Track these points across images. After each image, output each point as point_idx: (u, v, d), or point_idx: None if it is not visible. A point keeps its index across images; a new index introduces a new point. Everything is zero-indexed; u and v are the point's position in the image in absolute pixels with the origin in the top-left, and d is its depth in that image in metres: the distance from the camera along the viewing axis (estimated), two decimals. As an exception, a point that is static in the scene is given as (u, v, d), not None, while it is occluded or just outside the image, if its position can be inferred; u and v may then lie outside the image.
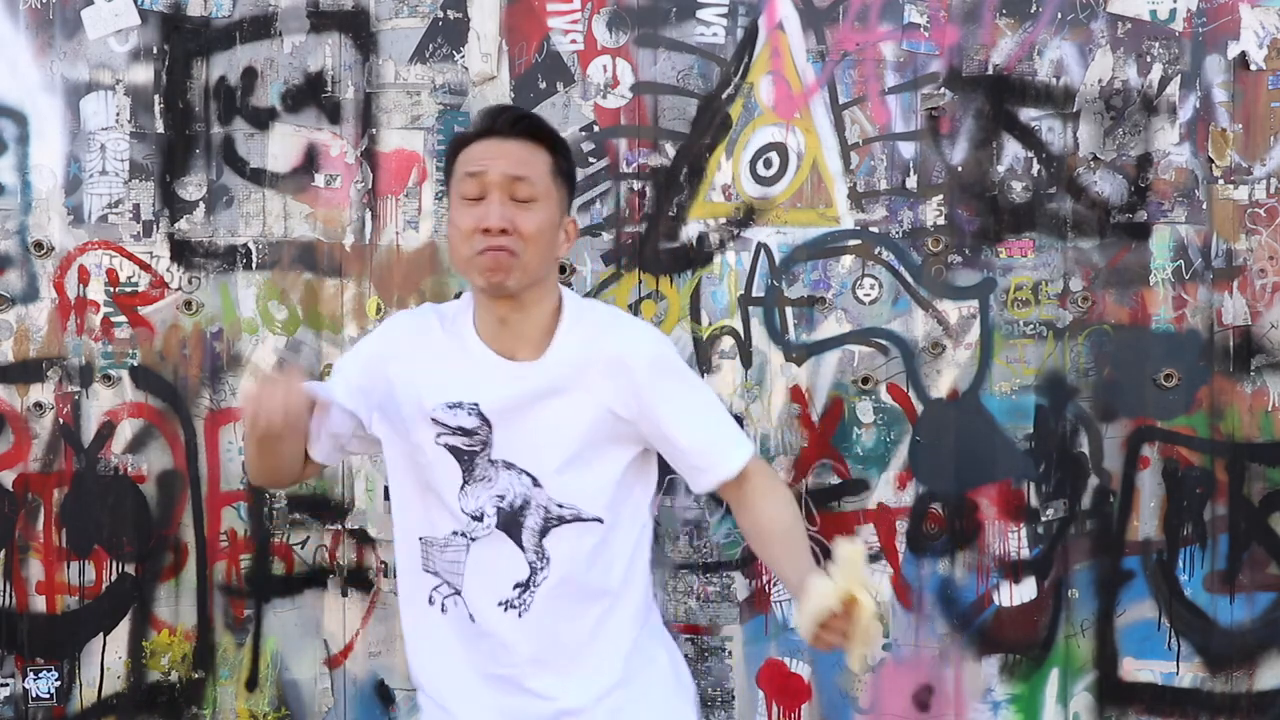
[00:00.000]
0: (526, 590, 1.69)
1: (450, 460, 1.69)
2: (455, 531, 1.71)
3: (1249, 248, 2.33)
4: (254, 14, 2.38)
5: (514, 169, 1.64)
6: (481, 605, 1.70)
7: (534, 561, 1.69)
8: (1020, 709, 2.37)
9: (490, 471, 1.69)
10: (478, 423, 1.68)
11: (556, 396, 1.69)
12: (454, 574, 1.72)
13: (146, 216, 2.40)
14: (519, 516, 1.69)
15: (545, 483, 1.69)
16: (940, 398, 2.36)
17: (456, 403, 1.69)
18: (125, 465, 2.40)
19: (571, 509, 1.69)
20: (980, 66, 2.34)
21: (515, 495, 1.69)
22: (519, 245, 1.63)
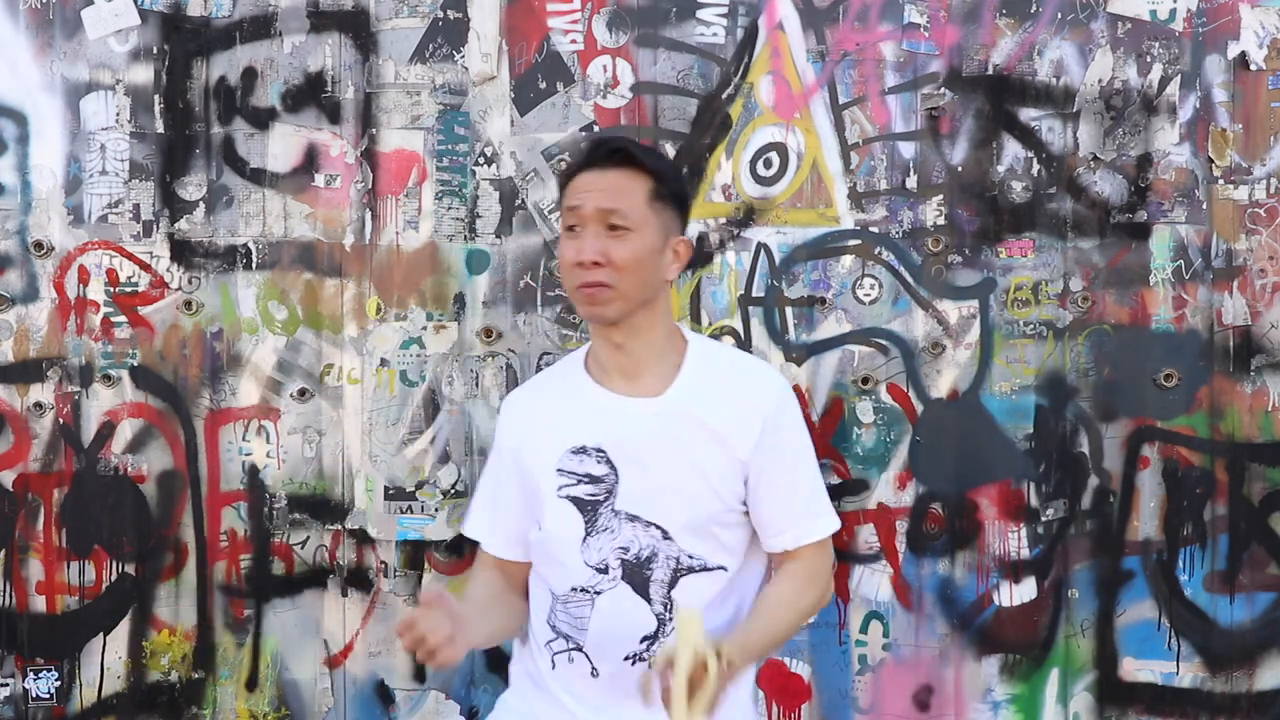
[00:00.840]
0: (655, 642, 1.67)
1: (573, 512, 1.69)
2: (575, 587, 1.69)
3: (1249, 248, 2.33)
4: (254, 14, 2.38)
5: (606, 201, 1.66)
6: (606, 660, 1.68)
7: (661, 614, 1.67)
8: (1020, 709, 2.37)
9: (613, 523, 1.68)
10: (606, 470, 1.68)
11: (683, 439, 1.68)
12: (577, 629, 1.70)
13: (146, 216, 2.40)
14: (645, 570, 1.67)
15: (675, 535, 1.67)
16: (940, 398, 2.36)
17: (580, 447, 1.69)
18: (125, 465, 2.40)
19: (700, 559, 1.68)
20: (980, 66, 2.35)
21: (642, 548, 1.67)
22: (613, 277, 1.64)
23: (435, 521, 2.38)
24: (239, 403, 2.40)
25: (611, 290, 1.65)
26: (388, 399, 2.40)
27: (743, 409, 1.70)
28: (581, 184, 1.70)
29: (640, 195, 1.68)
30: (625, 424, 1.69)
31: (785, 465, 1.72)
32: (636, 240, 1.66)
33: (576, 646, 1.70)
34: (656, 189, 1.70)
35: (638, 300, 1.68)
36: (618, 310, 1.67)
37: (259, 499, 2.40)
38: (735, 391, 1.72)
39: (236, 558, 2.41)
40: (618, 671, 1.67)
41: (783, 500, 1.72)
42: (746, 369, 1.80)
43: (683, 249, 1.74)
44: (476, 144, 2.39)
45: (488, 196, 2.39)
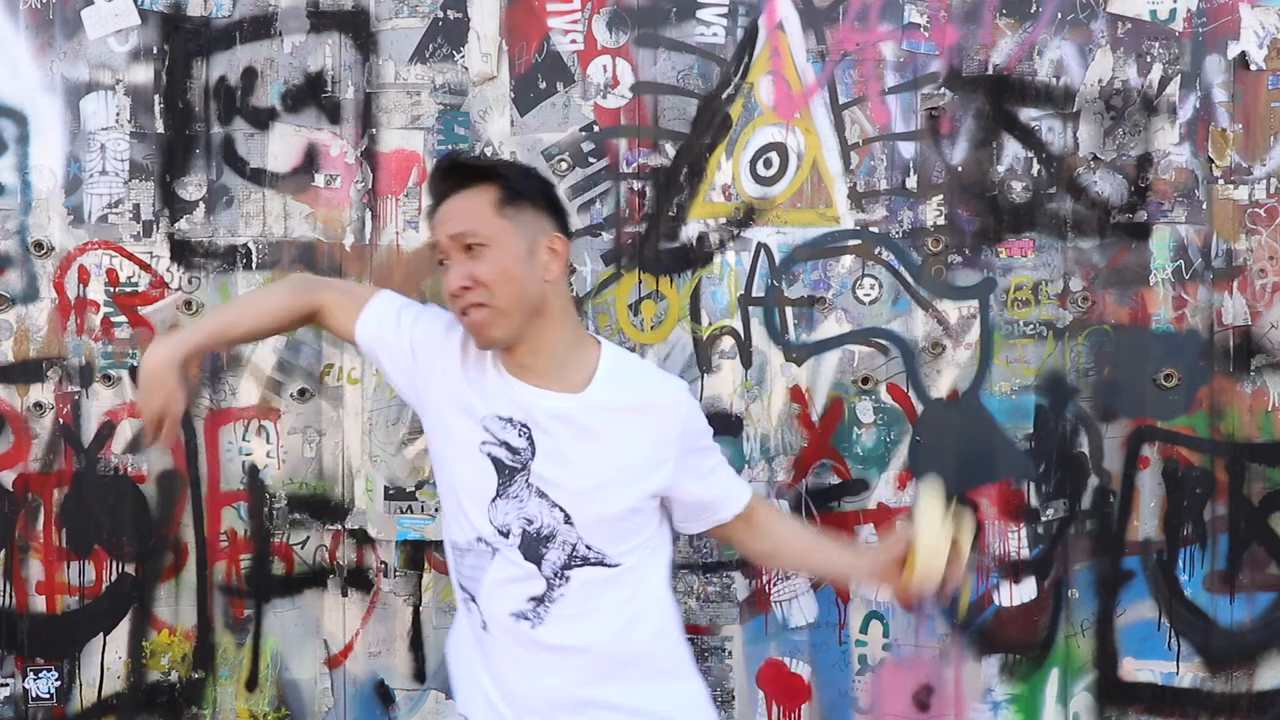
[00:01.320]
0: (541, 604, 1.69)
1: (489, 469, 1.70)
2: (479, 538, 1.71)
3: (1249, 248, 2.33)
4: (254, 14, 2.38)
5: (452, 227, 1.66)
6: (496, 614, 1.70)
7: (551, 579, 1.69)
8: (1020, 709, 2.37)
9: (523, 493, 1.69)
10: (525, 444, 1.69)
11: (601, 433, 1.69)
12: (473, 580, 1.72)
13: (146, 216, 2.40)
14: (542, 547, 1.68)
15: (577, 523, 1.68)
16: (940, 398, 2.36)
17: (508, 418, 1.69)
18: (125, 465, 2.40)
19: (598, 553, 1.69)
20: (980, 66, 2.35)
21: (544, 524, 1.69)
22: (485, 294, 1.63)
23: (435, 521, 2.38)
24: (239, 403, 2.40)
25: (489, 309, 1.64)
26: (388, 399, 2.40)
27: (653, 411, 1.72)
28: (436, 217, 1.70)
29: (486, 207, 1.66)
30: (544, 414, 1.69)
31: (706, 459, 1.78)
32: (495, 253, 1.65)
33: (471, 597, 1.73)
34: (502, 195, 1.67)
35: (520, 312, 1.66)
36: (504, 330, 1.66)
37: (259, 499, 2.40)
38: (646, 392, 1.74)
39: (236, 558, 2.41)
40: (506, 627, 1.69)
41: (719, 481, 1.80)
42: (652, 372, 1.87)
43: (559, 245, 1.71)
44: (476, 144, 2.38)
45: (488, 196, 2.39)
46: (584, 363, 1.72)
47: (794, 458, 2.37)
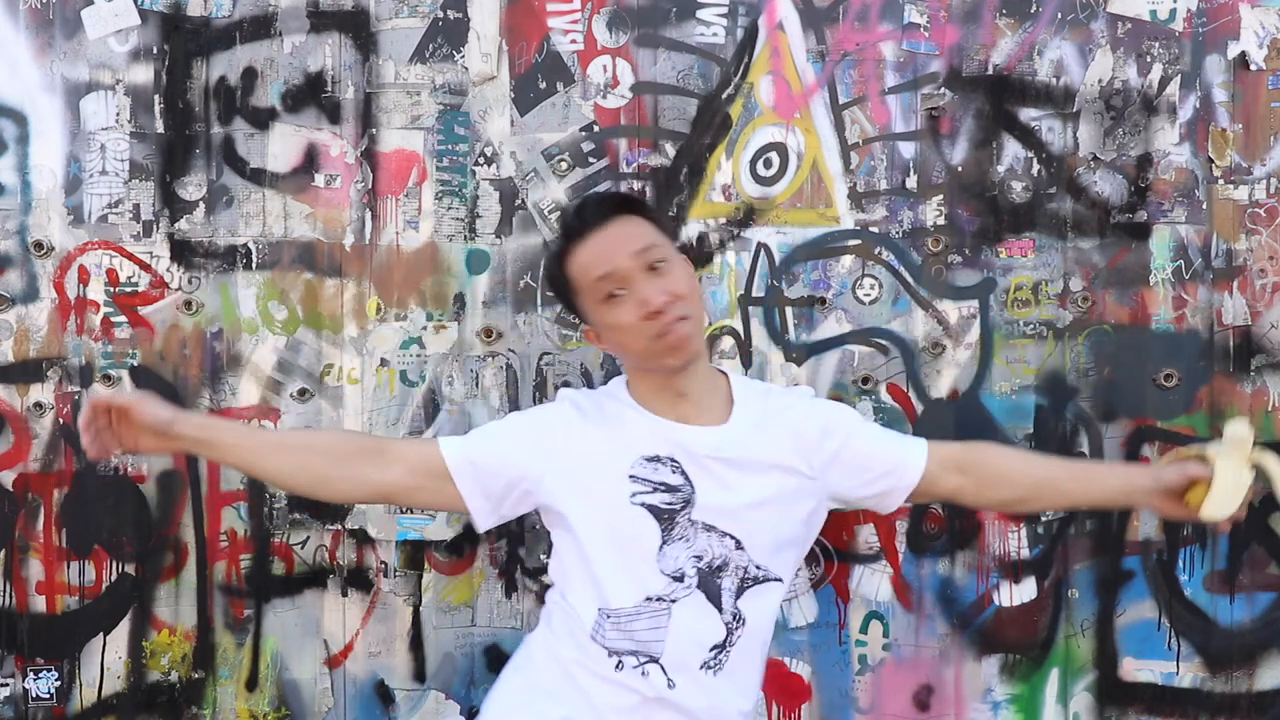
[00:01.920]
0: (722, 651, 1.69)
1: (648, 519, 1.67)
2: (650, 597, 1.68)
3: (1249, 248, 2.33)
4: (254, 14, 2.38)
5: (636, 244, 1.65)
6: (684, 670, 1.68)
7: (729, 623, 1.69)
8: (1020, 709, 2.37)
9: (689, 532, 1.67)
10: (681, 480, 1.68)
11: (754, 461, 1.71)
12: (653, 641, 1.68)
13: (146, 216, 2.40)
14: (716, 578, 1.67)
15: (748, 547, 1.69)
16: (940, 398, 2.36)
17: (655, 456, 1.68)
18: (125, 465, 2.40)
19: (765, 570, 1.71)
20: (980, 66, 2.35)
21: (715, 556, 1.68)
22: (688, 306, 1.65)
23: (435, 521, 2.38)
24: (239, 403, 2.40)
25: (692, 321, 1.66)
26: (388, 399, 2.40)
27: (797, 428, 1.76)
28: (596, 249, 1.67)
29: (652, 231, 1.71)
30: (695, 444, 1.70)
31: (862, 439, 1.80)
32: (679, 268, 1.68)
33: (651, 659, 1.68)
34: (658, 224, 1.73)
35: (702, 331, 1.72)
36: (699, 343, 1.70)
37: (259, 499, 2.40)
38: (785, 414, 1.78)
39: (236, 558, 2.41)
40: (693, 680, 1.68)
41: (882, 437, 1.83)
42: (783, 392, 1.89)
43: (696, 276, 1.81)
44: (476, 144, 2.39)
45: (488, 196, 2.39)
46: (719, 389, 1.76)
47: (794, 458, 2.37)
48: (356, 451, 1.76)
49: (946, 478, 1.84)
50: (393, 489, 1.77)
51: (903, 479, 1.82)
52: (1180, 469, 1.76)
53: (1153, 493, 1.79)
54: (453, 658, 2.38)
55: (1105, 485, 1.86)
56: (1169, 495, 1.77)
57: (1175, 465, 1.76)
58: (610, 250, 1.66)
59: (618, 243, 1.66)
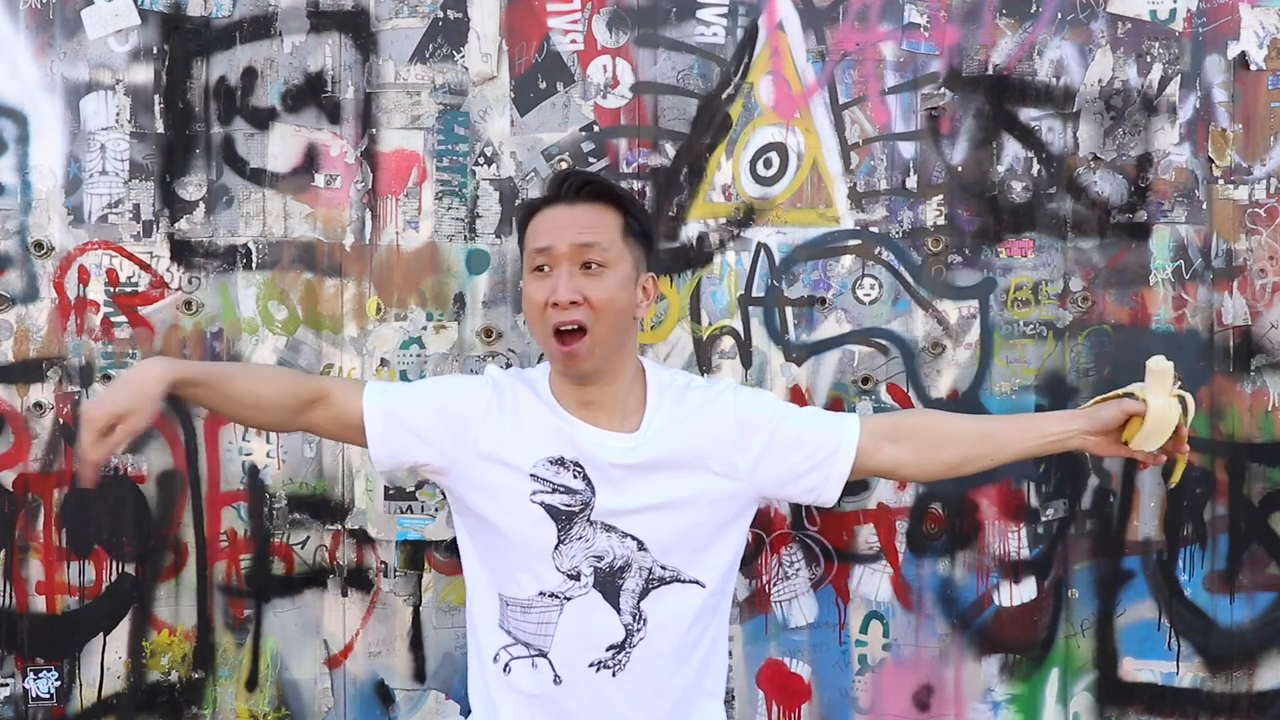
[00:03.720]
0: (621, 651, 1.66)
1: (544, 518, 1.66)
2: (544, 592, 1.67)
3: (1249, 248, 2.33)
4: (254, 14, 2.38)
5: (581, 237, 1.62)
6: (571, 666, 1.66)
7: (629, 624, 1.66)
8: (1020, 709, 2.37)
9: (588, 532, 1.66)
10: (583, 485, 1.65)
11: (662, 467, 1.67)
12: (541, 635, 1.67)
13: (146, 216, 2.40)
14: (617, 579, 1.66)
15: (651, 548, 1.66)
16: (940, 398, 2.36)
17: (559, 459, 1.66)
18: (125, 465, 2.40)
19: (674, 570, 1.67)
20: (980, 66, 2.35)
21: (616, 557, 1.66)
22: (590, 317, 1.61)
23: (435, 521, 2.38)
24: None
25: (588, 337, 1.62)
26: (388, 399, 2.39)
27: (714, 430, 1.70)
28: (551, 220, 1.66)
29: (614, 230, 1.66)
30: (602, 454, 1.67)
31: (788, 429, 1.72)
32: (612, 278, 1.63)
33: (540, 653, 1.68)
34: (628, 224, 1.68)
35: (613, 346, 1.65)
36: (596, 362, 1.64)
37: (259, 499, 2.40)
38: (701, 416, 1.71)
39: (236, 558, 2.41)
40: (581, 678, 1.66)
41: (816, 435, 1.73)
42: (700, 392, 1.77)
43: (650, 286, 1.73)
44: (476, 144, 2.39)
45: (488, 196, 2.39)
46: (635, 395, 1.71)
47: (794, 458, 2.37)
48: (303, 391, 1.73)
49: (882, 449, 1.75)
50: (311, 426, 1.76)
51: (836, 463, 1.73)
52: (1117, 405, 1.73)
53: (1090, 432, 1.75)
54: (453, 658, 2.38)
55: (1044, 430, 1.77)
56: (1106, 433, 1.75)
57: (1111, 403, 1.76)
58: (558, 228, 1.64)
59: (568, 225, 1.63)
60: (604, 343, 1.63)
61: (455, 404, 1.74)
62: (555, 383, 1.74)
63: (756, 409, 1.75)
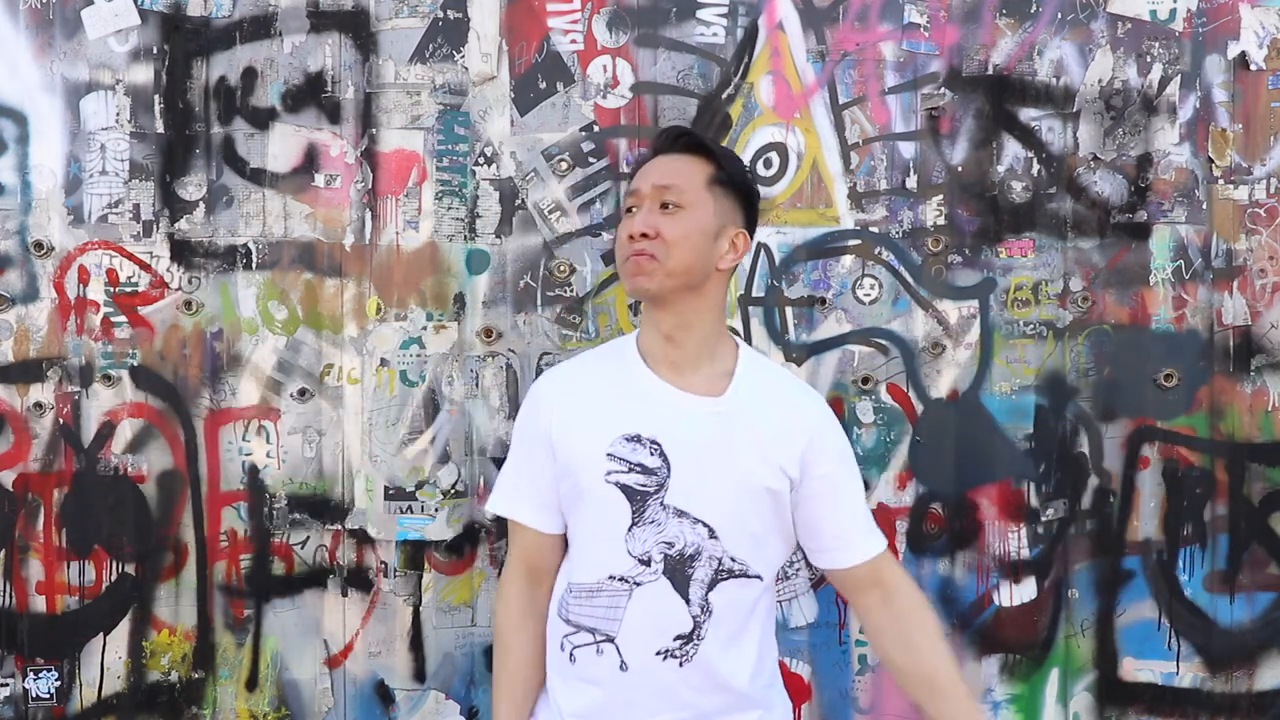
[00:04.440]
0: (689, 643, 1.66)
1: (620, 499, 1.66)
2: (613, 576, 1.67)
3: (1249, 248, 2.33)
4: (254, 14, 2.38)
5: (662, 179, 1.69)
6: (638, 654, 1.66)
7: (698, 616, 1.66)
8: (1020, 709, 2.37)
9: (660, 516, 1.66)
10: (659, 462, 1.66)
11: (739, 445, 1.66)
12: (609, 620, 1.67)
13: (146, 216, 2.40)
14: (688, 567, 1.65)
15: (722, 536, 1.66)
16: (940, 398, 2.36)
17: (635, 435, 1.67)
18: (125, 465, 2.40)
19: (742, 564, 1.67)
20: (980, 66, 2.35)
21: (687, 544, 1.65)
22: (660, 249, 1.66)
23: (435, 521, 2.38)
24: (239, 403, 2.40)
25: (655, 263, 1.66)
26: (388, 399, 2.40)
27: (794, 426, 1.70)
28: (644, 169, 1.74)
29: (699, 176, 1.71)
30: (682, 420, 1.67)
31: (842, 482, 1.72)
32: (688, 218, 1.68)
33: (607, 638, 1.67)
34: (717, 174, 1.72)
35: (681, 279, 1.67)
36: (659, 284, 1.66)
37: (259, 499, 2.40)
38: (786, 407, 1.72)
39: (236, 558, 2.41)
40: (648, 665, 1.65)
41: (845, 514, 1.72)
42: (797, 386, 1.80)
43: (740, 242, 1.74)
44: (476, 144, 2.39)
45: (488, 196, 2.39)
46: (724, 360, 1.72)
47: (794, 458, 2.37)
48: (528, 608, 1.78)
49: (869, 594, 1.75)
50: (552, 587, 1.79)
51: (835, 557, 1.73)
52: None
53: None
54: (453, 658, 2.38)
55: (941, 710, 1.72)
56: None
57: None
58: (647, 173, 1.72)
59: (655, 170, 1.71)
60: (673, 274, 1.66)
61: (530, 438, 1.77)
62: (644, 342, 1.76)
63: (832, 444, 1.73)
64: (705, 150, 1.74)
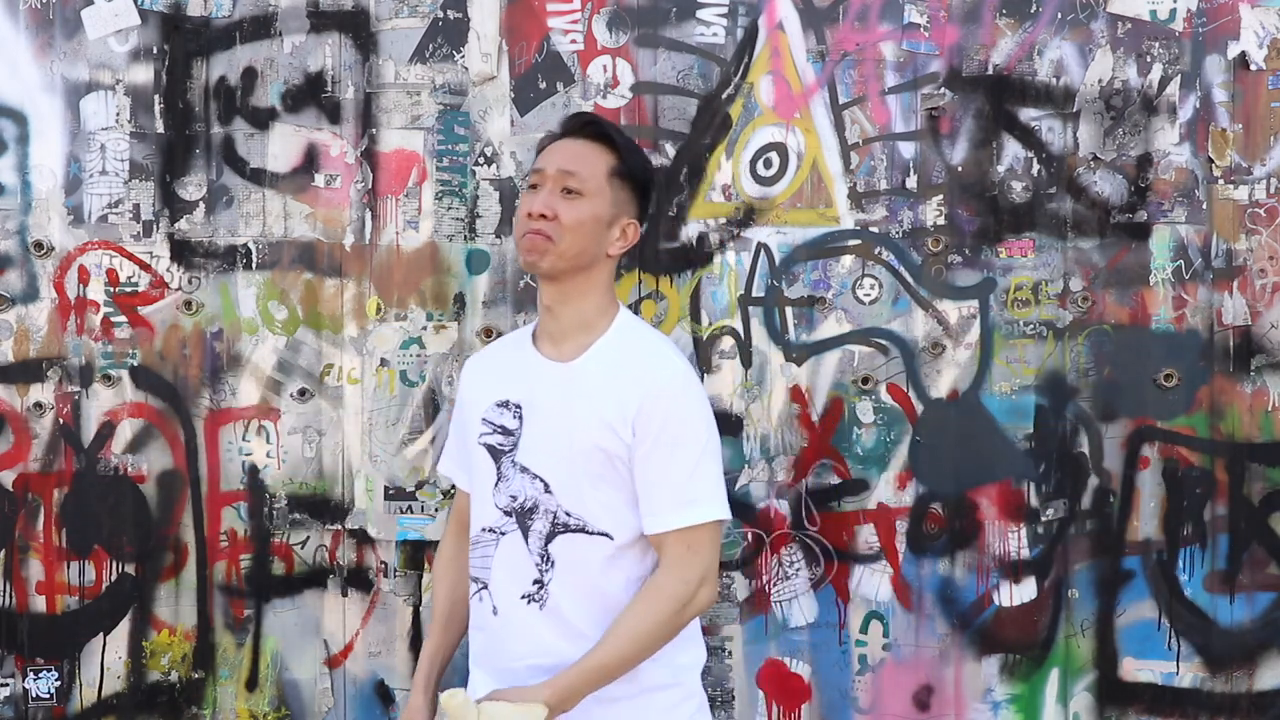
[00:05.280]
0: (542, 588, 1.75)
1: (486, 458, 1.81)
2: (485, 528, 1.80)
3: (1249, 248, 2.33)
4: (254, 14, 2.38)
5: (566, 163, 1.78)
6: (504, 597, 1.77)
7: (539, 564, 1.75)
8: (1020, 709, 2.37)
9: (510, 472, 1.78)
10: (516, 424, 1.79)
11: (575, 404, 1.74)
12: (483, 568, 1.80)
13: (146, 216, 2.40)
14: (528, 519, 1.76)
15: (554, 490, 1.75)
16: (940, 398, 2.36)
17: (504, 401, 1.81)
18: (125, 465, 2.40)
19: (578, 520, 1.74)
20: (980, 66, 2.34)
21: (526, 498, 1.76)
22: (555, 231, 1.74)
23: (435, 521, 2.38)
24: (239, 403, 2.40)
25: (550, 243, 1.74)
26: (388, 399, 2.40)
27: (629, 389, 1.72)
28: (552, 148, 1.82)
29: (601, 166, 1.79)
30: (536, 383, 1.80)
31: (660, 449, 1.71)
32: (585, 206, 1.77)
33: (483, 585, 1.80)
34: (617, 166, 1.81)
35: (572, 261, 1.76)
36: (550, 264, 1.75)
37: (259, 499, 2.40)
38: (631, 371, 1.75)
39: (236, 558, 2.41)
40: (513, 608, 1.75)
41: (653, 483, 1.72)
42: (652, 353, 1.79)
43: (631, 231, 1.83)
44: (476, 144, 2.39)
45: (488, 196, 2.39)
46: (597, 331, 1.80)
47: (794, 458, 2.37)
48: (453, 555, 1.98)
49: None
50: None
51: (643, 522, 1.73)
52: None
53: None
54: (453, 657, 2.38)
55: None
56: None
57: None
58: (552, 153, 1.80)
59: (560, 153, 1.80)
60: (563, 255, 1.75)
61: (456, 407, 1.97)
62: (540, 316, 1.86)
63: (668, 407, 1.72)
64: (610, 141, 1.82)
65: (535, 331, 1.87)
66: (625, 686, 1.71)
